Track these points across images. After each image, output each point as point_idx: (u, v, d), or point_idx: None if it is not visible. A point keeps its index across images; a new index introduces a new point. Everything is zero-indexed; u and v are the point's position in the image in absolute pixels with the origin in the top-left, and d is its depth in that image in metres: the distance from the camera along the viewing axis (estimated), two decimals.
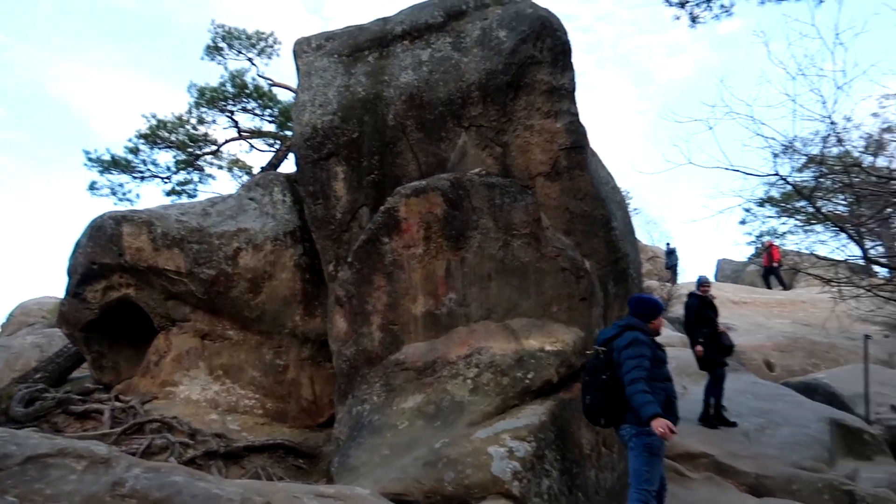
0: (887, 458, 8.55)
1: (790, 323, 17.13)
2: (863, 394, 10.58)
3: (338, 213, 7.04)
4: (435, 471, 4.85)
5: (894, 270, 10.18)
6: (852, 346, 14.09)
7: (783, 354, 15.04)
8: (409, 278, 6.36)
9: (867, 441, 8.69)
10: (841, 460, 8.26)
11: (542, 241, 6.17)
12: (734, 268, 29.26)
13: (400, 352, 6.29)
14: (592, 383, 4.72)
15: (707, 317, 8.40)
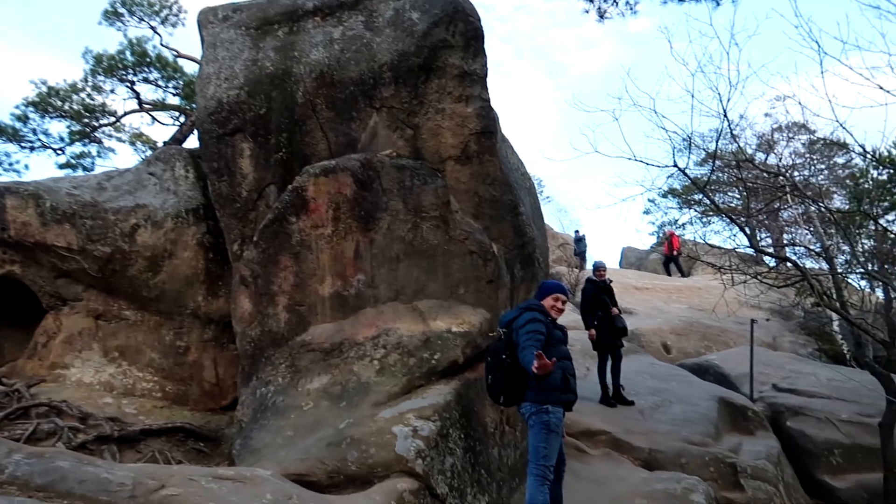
0: (767, 433, 9.25)
1: (686, 308, 18.13)
2: (748, 374, 11.39)
3: (244, 191, 6.87)
4: (339, 451, 4.88)
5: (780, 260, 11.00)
6: (741, 330, 15.08)
7: (679, 337, 15.93)
8: (317, 259, 6.31)
9: (750, 417, 9.36)
10: (726, 435, 8.85)
11: (450, 224, 6.26)
12: (638, 255, 30.59)
13: (306, 333, 6.25)
14: (495, 363, 4.86)
15: (602, 301, 8.75)
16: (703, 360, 13.65)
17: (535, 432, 4.71)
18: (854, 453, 9.55)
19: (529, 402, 4.74)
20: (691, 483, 6.01)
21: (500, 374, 4.81)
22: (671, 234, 23.86)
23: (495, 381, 4.84)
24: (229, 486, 4.03)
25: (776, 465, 7.88)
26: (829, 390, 11.24)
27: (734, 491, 7.24)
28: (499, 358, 4.84)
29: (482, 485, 5.41)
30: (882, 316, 11.33)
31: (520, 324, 4.80)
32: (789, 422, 10.02)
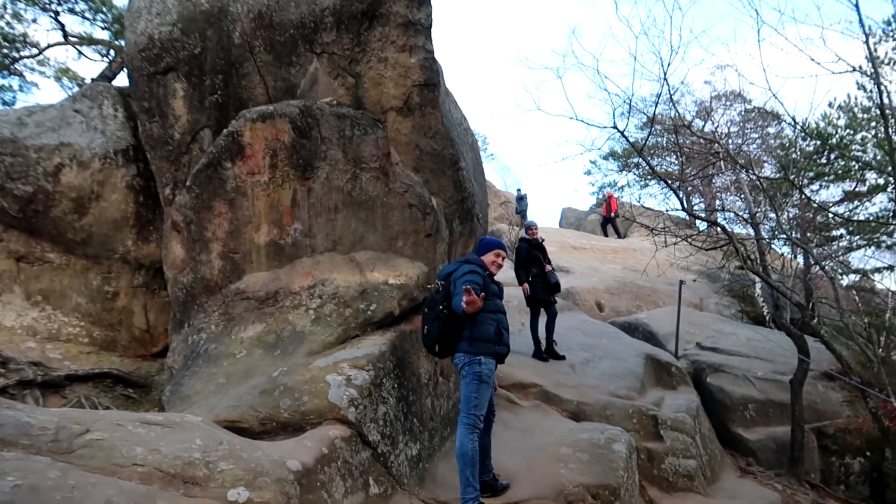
0: (689, 388, 9.75)
1: (621, 268, 18.68)
2: (675, 332, 11.91)
3: (176, 133, 6.65)
4: (271, 398, 4.90)
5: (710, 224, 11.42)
6: (671, 291, 15.66)
7: (612, 296, 16.44)
8: (253, 206, 6.21)
9: (674, 373, 9.83)
10: (651, 389, 9.28)
11: (390, 176, 6.24)
12: (577, 216, 31.17)
13: (241, 281, 6.18)
14: (431, 314, 4.95)
15: (536, 258, 8.96)
16: (634, 318, 14.18)
17: (468, 382, 4.84)
18: (766, 408, 10.20)
19: (463, 352, 4.86)
20: (614, 433, 6.29)
21: (435, 325, 4.90)
22: (609, 196, 24.37)
23: (431, 331, 4.94)
24: (157, 431, 4.02)
25: (694, 418, 8.34)
26: (747, 349, 11.89)
27: (654, 441, 7.65)
28: (436, 309, 4.93)
29: (414, 433, 5.54)
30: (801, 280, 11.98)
31: (458, 275, 4.90)
32: (709, 378, 10.59)
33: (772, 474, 9.09)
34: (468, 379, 4.84)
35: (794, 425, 9.24)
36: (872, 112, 12.72)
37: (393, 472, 5.04)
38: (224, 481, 3.70)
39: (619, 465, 5.66)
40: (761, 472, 9.15)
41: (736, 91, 17.04)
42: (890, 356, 12.32)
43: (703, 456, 8.15)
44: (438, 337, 4.90)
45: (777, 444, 9.59)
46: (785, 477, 8.99)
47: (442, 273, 5.13)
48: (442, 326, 4.87)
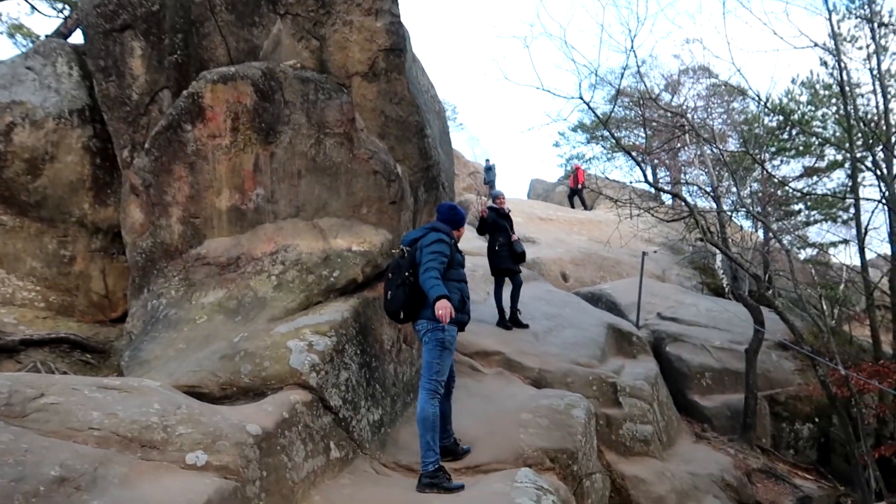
0: (649, 357, 9.98)
1: (587, 240, 18.88)
2: (637, 303, 12.13)
3: (134, 93, 6.47)
4: (232, 363, 4.88)
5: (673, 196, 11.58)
6: (634, 262, 15.89)
7: (577, 267, 16.64)
8: (214, 170, 6.11)
9: (634, 342, 10.04)
10: (612, 358, 9.47)
11: (355, 142, 6.18)
12: (545, 187, 31.29)
13: (202, 246, 6.11)
14: (395, 280, 4.97)
15: (502, 227, 9.02)
16: (597, 289, 14.39)
17: (430, 349, 4.90)
18: (722, 376, 10.53)
19: (426, 319, 4.89)
20: (574, 399, 6.43)
21: (400, 291, 4.92)
22: (577, 168, 24.48)
23: (395, 297, 4.95)
24: (115, 395, 3.99)
25: (653, 386, 8.56)
26: (706, 320, 12.20)
27: (613, 408, 7.84)
28: (401, 275, 4.94)
29: (376, 398, 5.59)
30: (759, 253, 12.29)
31: (426, 243, 4.93)
32: (668, 347, 10.86)
33: (725, 439, 9.41)
34: (431, 345, 4.90)
35: (748, 393, 9.55)
36: (833, 89, 12.96)
37: (354, 437, 5.09)
38: (182, 445, 3.70)
39: (578, 430, 5.79)
40: (715, 438, 9.47)
41: (703, 65, 17.16)
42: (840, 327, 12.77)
43: (659, 422, 8.39)
44: (403, 303, 4.91)
45: (731, 410, 9.92)
46: (737, 442, 9.32)
47: (406, 239, 5.16)
48: (407, 293, 4.90)
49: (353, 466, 4.92)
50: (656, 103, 10.89)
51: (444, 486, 4.60)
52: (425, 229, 5.12)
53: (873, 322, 9.36)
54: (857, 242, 9.35)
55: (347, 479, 4.71)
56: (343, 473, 4.77)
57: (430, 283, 4.72)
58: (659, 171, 23.99)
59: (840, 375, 7.18)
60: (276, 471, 4.05)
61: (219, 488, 3.46)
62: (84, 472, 3.20)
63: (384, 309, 5.13)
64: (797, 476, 9.19)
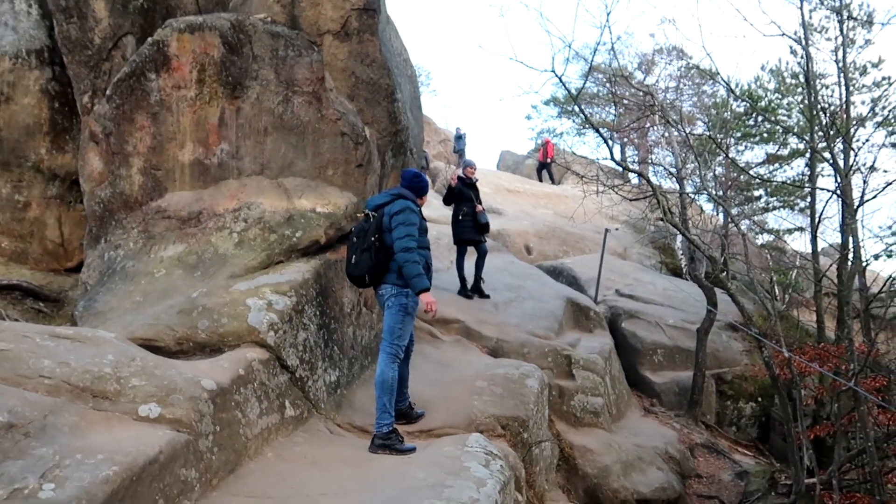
0: (604, 332, 10.19)
1: (552, 214, 19.04)
2: (596, 278, 12.35)
3: (96, 37, 6.27)
4: (189, 318, 4.86)
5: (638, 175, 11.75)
6: (597, 238, 16.12)
7: (541, 240, 16.81)
8: (178, 122, 6.00)
9: (591, 317, 10.24)
10: (569, 331, 9.65)
11: (324, 101, 6.11)
12: (515, 160, 31.37)
13: (163, 199, 6.01)
14: (360, 244, 4.99)
15: (467, 196, 9.05)
16: (559, 263, 14.60)
17: (393, 314, 4.98)
18: (674, 354, 10.83)
19: (391, 284, 4.96)
20: (528, 370, 6.55)
21: (366, 255, 4.94)
22: (547, 142, 24.58)
23: (360, 261, 4.96)
24: (67, 344, 3.94)
25: (606, 360, 8.77)
26: (662, 298, 12.49)
27: (567, 379, 8.02)
28: (366, 239, 4.96)
29: (334, 360, 5.63)
30: (718, 236, 12.55)
31: (395, 209, 4.95)
32: (624, 323, 11.11)
33: (672, 414, 9.73)
34: (394, 310, 4.98)
35: (697, 371, 9.87)
36: (800, 78, 13.20)
37: (310, 397, 5.14)
38: (136, 397, 3.69)
39: (531, 399, 5.92)
40: (662, 413, 9.79)
41: (676, 47, 17.29)
42: (789, 311, 13.20)
43: (610, 395, 8.62)
44: (369, 268, 4.94)
45: (680, 387, 10.24)
46: (683, 417, 9.65)
47: (372, 203, 5.16)
48: (372, 258, 4.93)
49: (307, 425, 4.97)
50: (628, 81, 10.95)
51: (397, 447, 4.69)
52: (391, 195, 5.13)
53: (819, 308, 9.70)
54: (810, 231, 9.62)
55: (301, 438, 4.76)
56: (297, 432, 4.81)
57: (412, 270, 4.83)
58: (627, 150, 24.23)
59: (784, 357, 7.45)
60: (230, 426, 4.08)
61: (171, 440, 3.48)
62: (33, 420, 3.18)
63: (347, 273, 5.15)
64: (737, 452, 9.58)
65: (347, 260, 5.11)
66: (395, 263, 4.93)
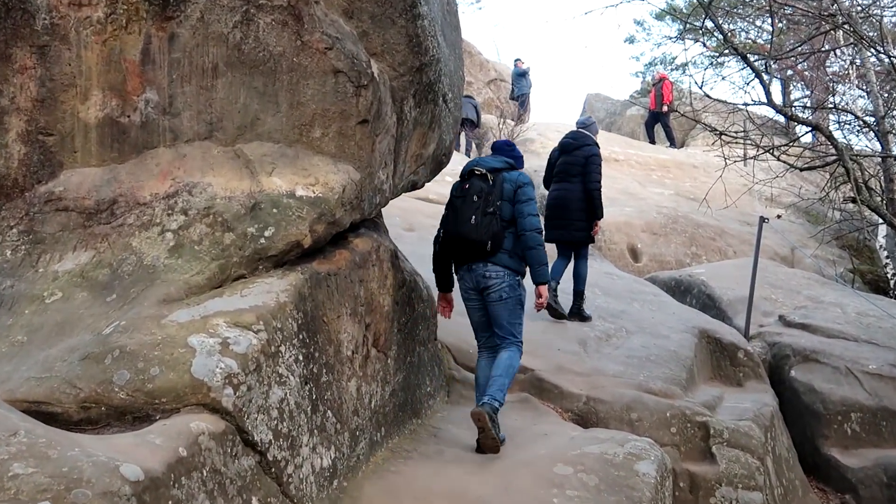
0: (761, 384, 10.09)
1: (672, 195, 18.96)
2: (746, 298, 12.20)
3: None
4: (100, 368, 4.93)
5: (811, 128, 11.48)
6: (745, 233, 16.02)
7: (655, 238, 16.74)
8: (79, 59, 6.13)
9: (741, 361, 10.17)
10: (704, 384, 9.61)
11: (305, 21, 6.17)
12: (609, 108, 31.40)
13: (56, 180, 6.14)
14: (482, 205, 6.67)
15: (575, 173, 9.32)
16: (686, 273, 14.52)
17: (510, 309, 6.83)
18: (878, 420, 10.61)
19: (502, 267, 6.71)
20: (639, 447, 6.53)
21: (490, 219, 6.62)
22: (662, 79, 24.41)
23: (483, 223, 6.61)
24: None
25: (766, 431, 8.67)
26: (857, 329, 12.28)
27: (702, 462, 7.97)
28: (491, 202, 6.66)
29: (327, 433, 5.67)
30: None
31: (524, 180, 6.84)
32: (795, 371, 10.95)
33: None
34: (511, 304, 6.81)
35: None
36: None
37: (290, 492, 5.18)
38: (19, 492, 3.75)
39: (645, 495, 5.89)
40: None
41: None
42: None
43: (774, 488, 8.51)
44: (494, 235, 6.60)
45: (890, 474, 10.02)
46: None
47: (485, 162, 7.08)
48: (497, 226, 6.61)
49: None
50: None
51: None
52: (504, 161, 7.00)
53: None
54: None
55: None
56: None
57: (543, 256, 6.75)
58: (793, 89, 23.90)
59: None
60: None
61: None
62: None
63: (459, 233, 6.76)
64: None
65: (456, 218, 6.81)
66: (508, 241, 6.70)
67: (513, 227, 6.77)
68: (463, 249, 6.78)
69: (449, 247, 6.99)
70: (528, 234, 6.65)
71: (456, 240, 6.78)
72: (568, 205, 10.12)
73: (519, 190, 6.72)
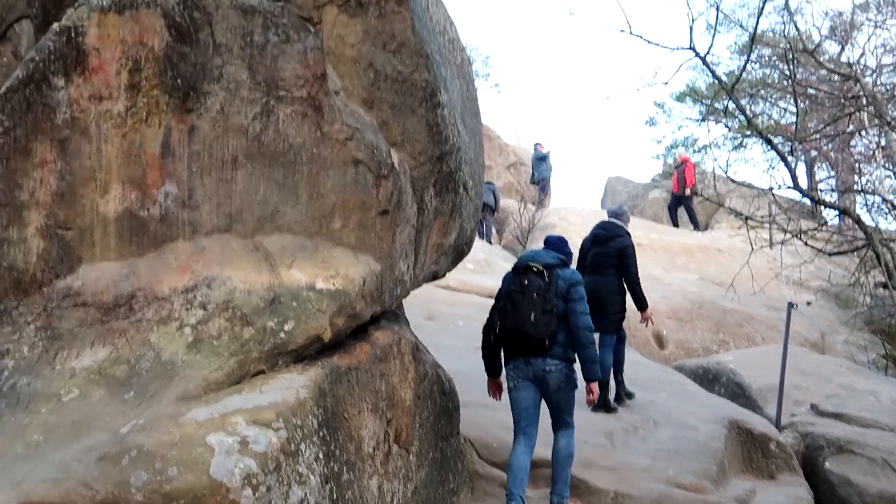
0: (795, 477, 9.98)
1: (697, 280, 18.95)
2: (777, 387, 12.11)
3: None
4: (117, 469, 4.94)
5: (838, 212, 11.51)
6: (774, 319, 15.95)
7: (681, 325, 16.70)
8: (99, 152, 6.25)
9: (773, 453, 10.06)
10: (734, 478, 9.51)
11: (325, 112, 6.30)
12: (631, 191, 31.50)
13: (75, 275, 6.21)
14: (541, 303, 7.13)
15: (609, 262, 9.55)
16: (714, 361, 14.43)
17: (566, 394, 7.37)
18: None
19: (558, 359, 7.21)
20: None
21: (549, 318, 7.11)
22: (684, 161, 24.54)
23: (542, 322, 7.08)
24: None
25: None
26: (892, 418, 12.13)
27: None
28: (548, 299, 7.15)
29: None
30: None
31: (577, 279, 7.45)
32: (829, 462, 10.81)
33: None
34: (568, 391, 7.36)
35: None
36: None
37: None
38: None
39: None
40: None
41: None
42: None
43: None
44: (552, 333, 7.09)
45: None
46: None
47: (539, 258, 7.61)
48: (555, 323, 7.14)
49: None
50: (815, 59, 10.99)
51: None
52: (557, 258, 7.58)
53: None
54: None
55: None
56: None
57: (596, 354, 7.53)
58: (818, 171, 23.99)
59: None
60: None
61: None
62: None
63: (519, 328, 7.17)
64: None
65: (514, 314, 7.22)
66: (562, 336, 7.21)
67: (565, 321, 7.30)
68: (520, 343, 7.23)
69: (505, 340, 7.43)
70: (582, 333, 7.24)
71: (515, 334, 7.23)
72: (602, 297, 10.21)
73: (572, 288, 7.32)
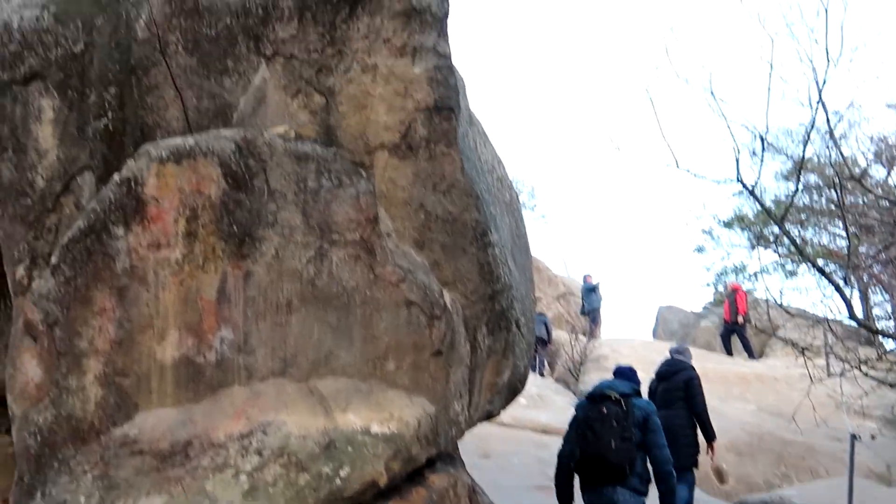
0: None
1: (755, 410, 18.68)
2: None
3: (39, 177, 6.87)
4: None
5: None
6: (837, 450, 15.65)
7: (741, 459, 16.41)
8: (157, 300, 6.42)
9: None
10: None
11: (378, 254, 6.47)
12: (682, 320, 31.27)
13: (131, 423, 6.31)
14: (619, 431, 7.32)
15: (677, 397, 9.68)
16: (777, 496, 14.11)
17: None
18: None
19: (632, 490, 7.38)
20: None
21: (628, 445, 7.31)
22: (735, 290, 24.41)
23: (622, 449, 7.26)
24: None
25: None
26: None
27: None
28: (626, 428, 7.36)
29: None
30: None
31: (652, 409, 7.82)
32: None
33: None
34: None
35: None
36: None
37: None
38: None
39: None
40: None
41: None
42: None
43: None
44: (630, 461, 7.31)
45: None
46: None
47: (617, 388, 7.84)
48: (633, 451, 7.36)
49: None
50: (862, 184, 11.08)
51: None
52: (630, 387, 7.90)
53: None
54: None
55: None
56: None
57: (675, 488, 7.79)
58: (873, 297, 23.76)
59: None
60: None
61: None
62: None
63: (597, 453, 7.36)
64: None
65: (595, 441, 7.40)
66: (639, 465, 7.45)
67: (641, 451, 7.56)
68: (599, 471, 7.43)
69: (584, 467, 7.65)
70: (662, 466, 7.62)
71: (596, 461, 7.42)
72: (675, 430, 10.23)
73: (649, 419, 7.63)
